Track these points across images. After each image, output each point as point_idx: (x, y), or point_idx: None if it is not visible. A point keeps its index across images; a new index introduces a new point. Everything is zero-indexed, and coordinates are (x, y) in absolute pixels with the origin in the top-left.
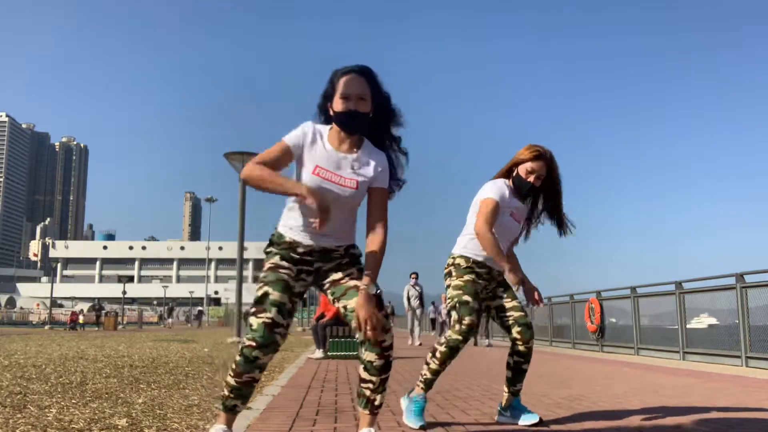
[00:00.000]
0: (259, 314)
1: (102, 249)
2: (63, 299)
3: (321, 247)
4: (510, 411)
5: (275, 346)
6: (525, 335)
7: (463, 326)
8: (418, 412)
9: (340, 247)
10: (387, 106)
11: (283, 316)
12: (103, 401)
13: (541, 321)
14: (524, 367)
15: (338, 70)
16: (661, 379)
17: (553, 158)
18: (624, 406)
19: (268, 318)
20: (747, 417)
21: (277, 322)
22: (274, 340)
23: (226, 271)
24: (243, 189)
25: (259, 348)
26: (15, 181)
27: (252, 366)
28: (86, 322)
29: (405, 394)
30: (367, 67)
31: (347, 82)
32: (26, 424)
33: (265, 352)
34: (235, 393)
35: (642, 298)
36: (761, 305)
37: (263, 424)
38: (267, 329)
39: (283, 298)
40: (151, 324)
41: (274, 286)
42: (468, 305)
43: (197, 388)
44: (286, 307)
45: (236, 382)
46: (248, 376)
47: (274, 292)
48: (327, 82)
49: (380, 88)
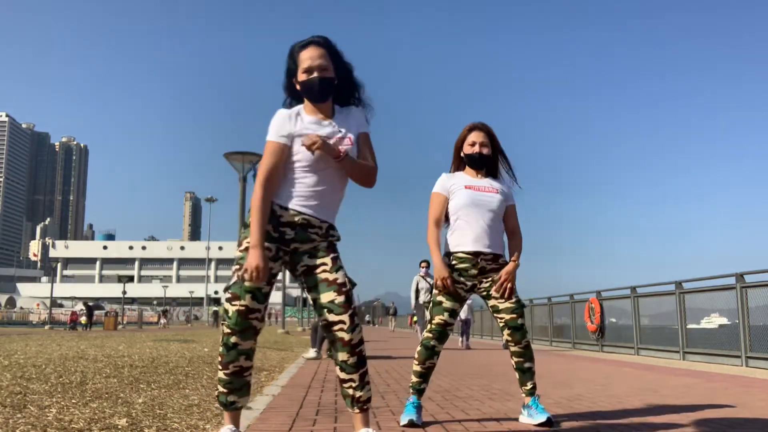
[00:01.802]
0: (234, 301)
1: (102, 249)
2: (63, 299)
3: (303, 219)
4: (527, 410)
5: (252, 331)
6: (515, 337)
7: (432, 325)
8: (407, 410)
9: (323, 223)
10: (349, 77)
11: (258, 301)
12: (103, 401)
13: (541, 321)
14: (527, 366)
15: (296, 45)
16: (661, 379)
17: (486, 125)
18: (624, 406)
19: (242, 305)
20: (747, 417)
21: (252, 308)
22: (250, 326)
23: (226, 271)
24: (243, 189)
25: (236, 334)
26: (15, 181)
27: (235, 353)
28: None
29: (407, 394)
30: (324, 37)
31: (307, 54)
32: (26, 424)
33: (242, 337)
34: (228, 387)
35: (642, 298)
36: (761, 305)
37: (263, 424)
38: (241, 316)
39: (257, 284)
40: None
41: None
42: (441, 305)
43: (197, 388)
44: (261, 292)
45: (225, 374)
46: (234, 366)
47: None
48: (287, 58)
49: (341, 57)
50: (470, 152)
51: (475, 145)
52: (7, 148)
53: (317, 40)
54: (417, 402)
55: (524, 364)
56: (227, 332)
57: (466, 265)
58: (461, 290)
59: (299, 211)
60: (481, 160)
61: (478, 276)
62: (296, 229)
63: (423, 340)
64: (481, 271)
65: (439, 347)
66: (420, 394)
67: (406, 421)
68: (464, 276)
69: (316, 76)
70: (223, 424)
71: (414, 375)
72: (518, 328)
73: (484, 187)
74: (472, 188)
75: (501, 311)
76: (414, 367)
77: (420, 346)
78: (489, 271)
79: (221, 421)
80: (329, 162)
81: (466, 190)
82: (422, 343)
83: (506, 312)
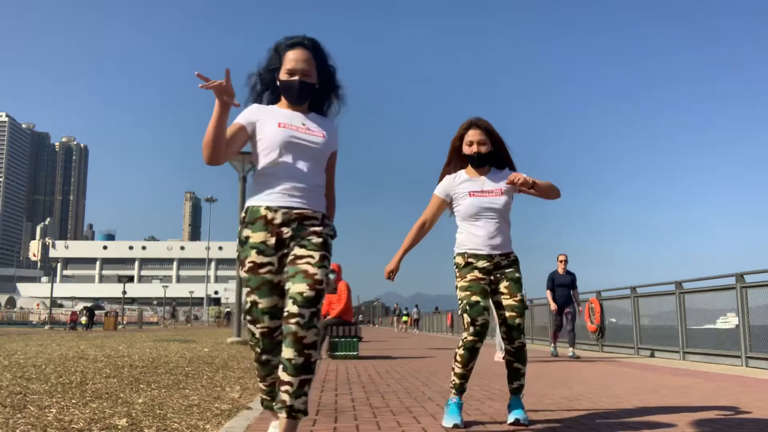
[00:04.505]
0: (255, 325)
1: (102, 249)
2: (63, 299)
3: (297, 214)
4: (509, 408)
5: (280, 346)
6: (510, 335)
7: (477, 327)
8: (450, 412)
9: (316, 213)
10: (332, 79)
11: (277, 318)
12: (103, 401)
13: (541, 321)
14: (516, 366)
15: (282, 43)
16: (661, 379)
17: (483, 120)
18: (624, 406)
19: (264, 327)
20: (747, 417)
21: (273, 327)
22: (278, 342)
23: (226, 271)
24: (243, 189)
25: (267, 353)
26: (15, 181)
27: (269, 368)
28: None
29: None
30: (313, 40)
31: (293, 56)
32: (26, 424)
33: (273, 354)
34: (270, 395)
35: (642, 298)
36: (761, 305)
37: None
38: (267, 338)
39: (271, 303)
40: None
41: (260, 293)
42: (478, 305)
43: (197, 388)
44: (276, 309)
45: (265, 386)
46: (272, 378)
47: (261, 300)
48: (271, 52)
49: (326, 60)
50: (469, 152)
51: (473, 144)
52: (7, 148)
53: (306, 43)
54: (460, 402)
55: (514, 364)
56: (259, 352)
57: (480, 261)
58: (486, 286)
59: (290, 207)
60: (480, 160)
61: (494, 272)
62: (292, 226)
63: (467, 343)
64: (496, 266)
65: (481, 347)
66: (463, 393)
67: (451, 424)
68: (480, 271)
69: (297, 79)
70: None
71: (456, 377)
72: (515, 327)
73: (489, 191)
74: (477, 194)
75: (503, 308)
76: (456, 369)
77: (463, 350)
78: (503, 267)
79: (221, 421)
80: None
81: (471, 198)
82: (465, 347)
83: (508, 309)
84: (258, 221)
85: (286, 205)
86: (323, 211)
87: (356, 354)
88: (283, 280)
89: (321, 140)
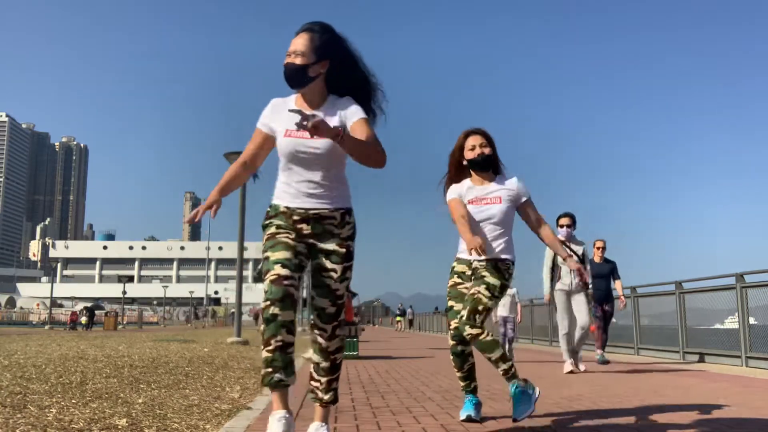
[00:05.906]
0: (267, 276)
1: (102, 249)
2: (63, 299)
3: (314, 213)
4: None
5: (290, 300)
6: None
7: (450, 330)
8: (466, 406)
9: (334, 211)
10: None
11: (289, 269)
12: (103, 401)
13: (541, 321)
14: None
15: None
16: (661, 379)
17: (481, 128)
18: (624, 406)
19: (274, 275)
20: (747, 417)
21: (284, 275)
22: (287, 293)
23: (226, 271)
24: (243, 189)
25: (275, 304)
26: (15, 181)
27: (275, 326)
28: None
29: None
30: (320, 23)
31: (292, 41)
32: (26, 424)
33: (281, 306)
34: (273, 365)
35: (642, 298)
36: (761, 305)
37: (263, 424)
38: (276, 284)
39: (285, 255)
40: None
41: (274, 249)
42: (452, 309)
43: (197, 388)
44: (291, 261)
45: (268, 352)
46: (277, 341)
47: (275, 253)
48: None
49: (340, 44)
50: (472, 156)
51: (475, 148)
52: (7, 148)
53: (308, 26)
54: (475, 399)
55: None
56: (267, 304)
57: (460, 265)
58: (464, 290)
59: (306, 208)
60: (485, 161)
61: (471, 276)
62: (310, 224)
63: (451, 348)
64: (473, 271)
65: (468, 348)
66: (474, 392)
67: (464, 416)
68: (459, 276)
69: (284, 63)
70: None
71: (459, 380)
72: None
73: (488, 199)
74: (474, 203)
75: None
76: (455, 373)
77: (451, 354)
78: (480, 270)
79: (221, 421)
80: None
81: (469, 205)
82: (451, 351)
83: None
84: (280, 215)
85: (303, 206)
86: (342, 207)
87: (356, 354)
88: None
89: (324, 144)
